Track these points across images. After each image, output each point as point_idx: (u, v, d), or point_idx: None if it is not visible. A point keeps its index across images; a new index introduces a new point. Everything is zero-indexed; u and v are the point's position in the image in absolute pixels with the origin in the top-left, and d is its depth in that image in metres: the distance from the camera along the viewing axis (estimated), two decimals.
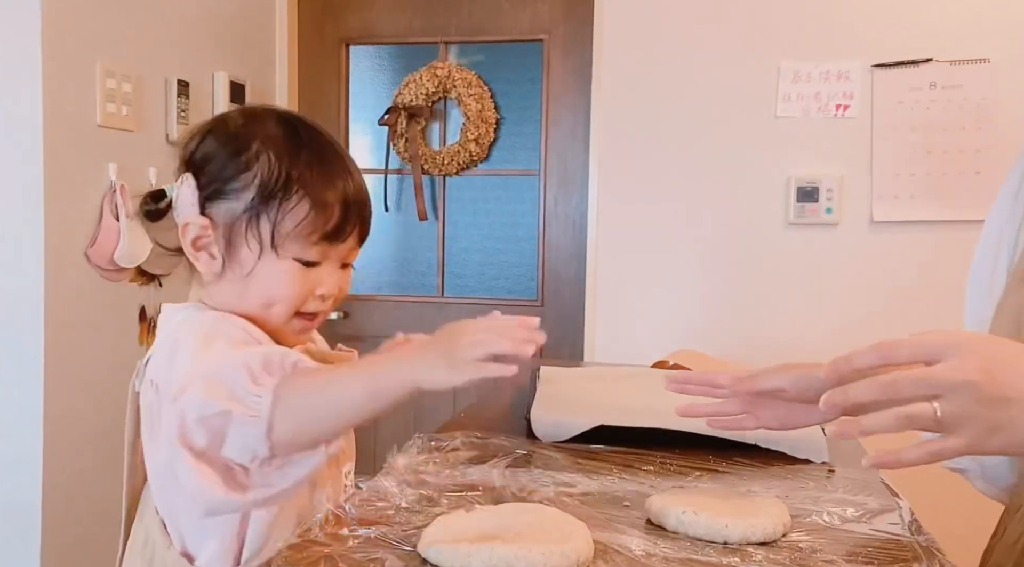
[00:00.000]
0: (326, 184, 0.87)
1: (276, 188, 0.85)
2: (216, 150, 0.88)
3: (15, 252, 1.85)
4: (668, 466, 1.04)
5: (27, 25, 1.81)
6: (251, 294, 0.87)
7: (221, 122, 0.91)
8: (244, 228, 0.86)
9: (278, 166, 0.86)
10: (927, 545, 0.78)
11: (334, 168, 0.89)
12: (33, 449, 1.85)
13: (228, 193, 0.87)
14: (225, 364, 0.78)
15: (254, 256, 0.86)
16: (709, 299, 2.45)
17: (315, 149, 0.89)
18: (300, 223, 0.85)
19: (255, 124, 0.89)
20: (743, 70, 2.41)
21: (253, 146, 0.87)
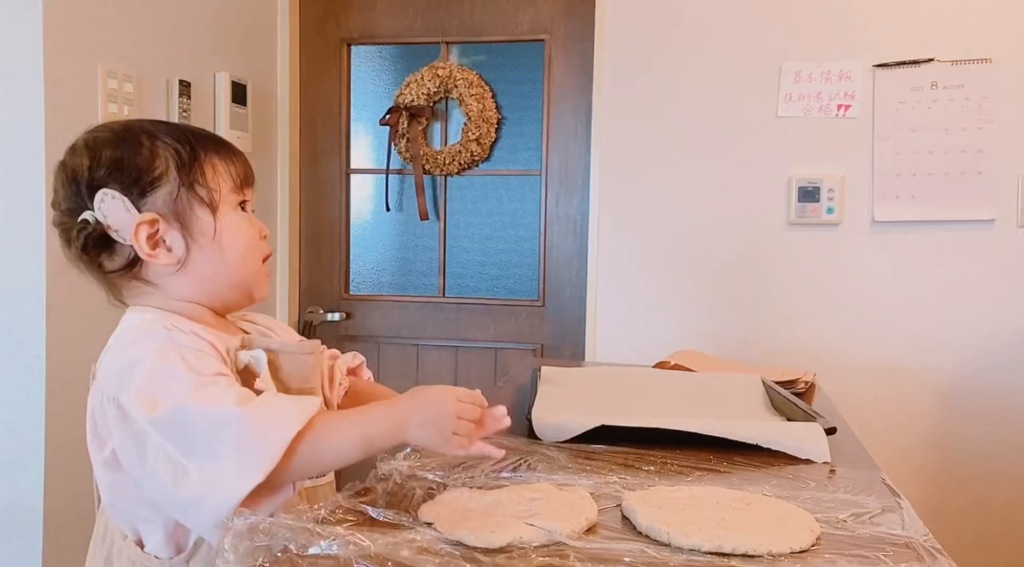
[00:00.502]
0: (216, 141, 0.96)
1: (191, 157, 0.92)
2: (115, 159, 0.91)
3: (16, 252, 1.86)
4: (669, 466, 1.04)
5: (29, 26, 1.81)
6: (226, 251, 0.93)
7: (94, 140, 0.93)
8: (189, 202, 0.92)
9: (178, 142, 0.93)
10: (927, 545, 0.78)
11: (208, 133, 0.98)
12: (35, 449, 1.86)
13: (154, 183, 0.91)
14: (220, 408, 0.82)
15: (210, 221, 0.93)
16: (710, 299, 2.45)
17: (184, 125, 0.98)
18: (226, 174, 0.94)
19: (127, 128, 0.95)
20: (744, 70, 2.41)
21: (143, 139, 0.92)
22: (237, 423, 0.79)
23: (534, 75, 2.64)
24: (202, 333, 0.89)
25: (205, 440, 0.79)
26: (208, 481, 0.79)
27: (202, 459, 0.79)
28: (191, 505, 0.81)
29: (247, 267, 0.95)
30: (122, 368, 0.86)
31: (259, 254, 0.97)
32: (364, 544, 0.72)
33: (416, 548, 0.72)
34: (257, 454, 0.78)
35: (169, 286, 0.93)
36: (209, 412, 0.80)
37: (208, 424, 0.80)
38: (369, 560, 0.70)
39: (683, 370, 1.67)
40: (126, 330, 0.92)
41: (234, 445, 0.79)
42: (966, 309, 2.31)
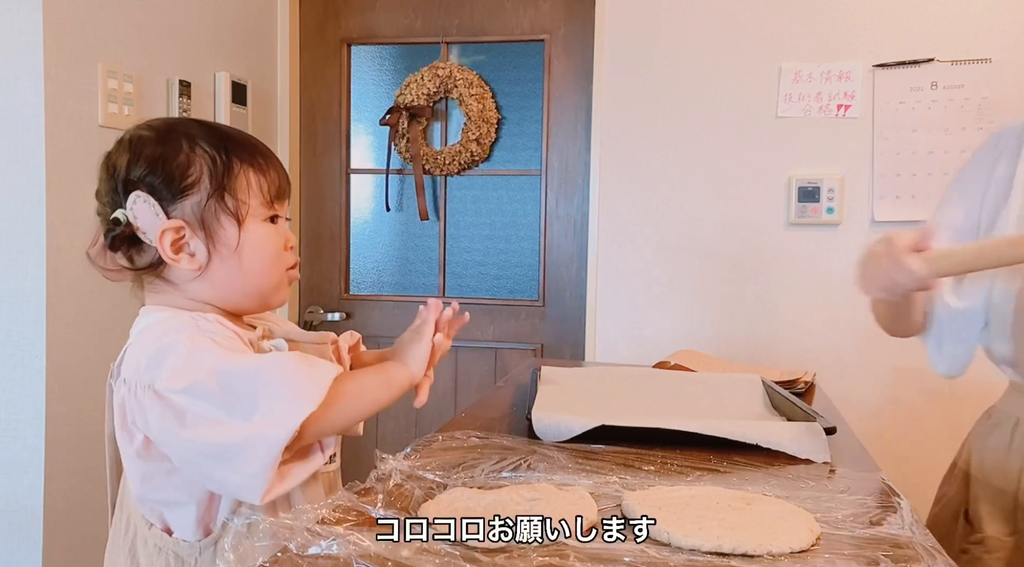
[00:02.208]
0: (255, 153, 0.97)
1: (224, 169, 0.94)
2: (152, 162, 0.93)
3: (17, 252, 1.86)
4: (669, 466, 1.04)
5: (29, 25, 1.81)
6: (246, 265, 0.95)
7: (138, 139, 0.96)
8: (216, 212, 0.93)
9: (215, 152, 0.94)
10: (927, 545, 0.78)
11: (250, 141, 1.00)
12: (35, 449, 1.86)
13: (185, 190, 0.93)
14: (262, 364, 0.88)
15: (234, 233, 0.94)
16: (710, 299, 2.45)
17: (230, 132, 0.99)
18: (258, 187, 0.96)
19: (170, 130, 0.96)
20: (744, 70, 2.41)
21: (183, 145, 0.94)
22: (281, 363, 0.85)
23: (534, 75, 2.64)
24: (226, 323, 0.94)
25: (251, 390, 0.84)
26: (259, 422, 0.83)
27: (249, 407, 0.83)
28: (242, 449, 0.83)
29: (265, 279, 0.97)
30: (152, 358, 0.88)
31: (281, 266, 0.99)
32: (364, 544, 0.72)
33: (416, 548, 0.72)
34: (306, 386, 0.84)
35: (188, 288, 0.96)
36: (250, 365, 0.85)
37: (252, 374, 0.85)
38: (369, 560, 0.70)
39: (683, 370, 1.67)
40: (149, 326, 0.94)
41: (282, 381, 0.84)
42: None
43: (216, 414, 0.83)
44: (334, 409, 0.86)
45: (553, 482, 0.94)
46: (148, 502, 0.95)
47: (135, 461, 0.92)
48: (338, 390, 0.87)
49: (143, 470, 0.92)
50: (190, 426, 0.84)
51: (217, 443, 0.83)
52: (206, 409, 0.84)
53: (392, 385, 0.96)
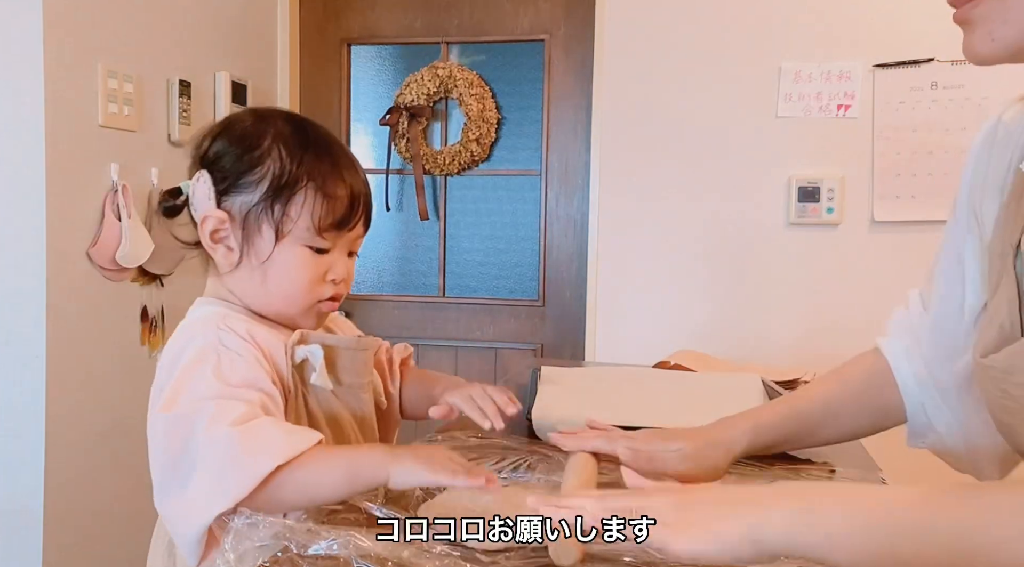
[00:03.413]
0: (334, 176, 0.93)
1: (288, 180, 0.91)
2: (229, 147, 0.93)
3: (17, 252, 1.86)
4: None
5: (29, 26, 1.81)
6: (270, 282, 0.92)
7: (232, 122, 0.96)
8: (259, 218, 0.91)
9: (289, 160, 0.91)
10: None
11: (340, 162, 0.95)
12: (35, 449, 1.86)
13: (242, 186, 0.91)
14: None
15: (269, 245, 0.91)
16: (710, 299, 2.45)
17: (322, 145, 0.95)
18: (312, 212, 0.91)
19: (265, 123, 0.95)
20: (744, 70, 2.40)
21: (264, 142, 0.92)
22: (226, 443, 0.79)
23: (534, 75, 2.64)
24: (258, 333, 0.90)
25: (195, 452, 0.80)
26: (183, 501, 0.80)
27: (185, 475, 0.80)
28: (168, 521, 0.83)
29: (288, 303, 0.93)
30: (170, 360, 0.88)
31: (311, 295, 0.93)
32: (364, 544, 0.72)
33: (416, 548, 0.72)
34: (233, 479, 0.77)
35: (226, 279, 0.95)
36: (207, 426, 0.80)
37: (203, 439, 0.80)
38: (369, 560, 0.70)
39: (683, 370, 1.66)
40: (187, 323, 0.93)
41: (216, 466, 0.78)
42: None
43: (168, 459, 0.82)
44: (271, 499, 0.78)
45: (553, 482, 0.94)
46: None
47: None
48: (279, 481, 0.78)
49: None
50: (153, 455, 0.84)
51: (158, 501, 0.83)
52: (165, 447, 0.82)
53: (355, 481, 0.81)
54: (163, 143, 2.20)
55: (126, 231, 1.98)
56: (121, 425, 2.01)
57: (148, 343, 2.14)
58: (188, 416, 0.81)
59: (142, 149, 2.11)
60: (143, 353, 2.12)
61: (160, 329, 2.16)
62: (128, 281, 2.06)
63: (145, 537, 0.99)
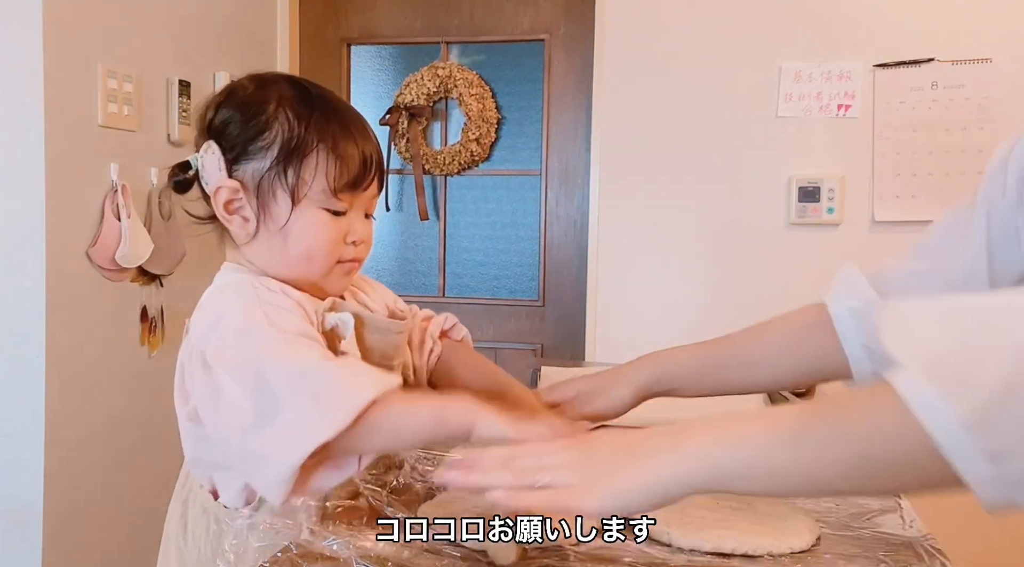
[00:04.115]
0: (344, 136, 0.91)
1: (298, 142, 0.89)
2: (234, 114, 0.91)
3: (17, 252, 1.86)
4: None
5: (28, 25, 1.81)
6: (289, 247, 0.90)
7: (234, 89, 0.94)
8: (273, 184, 0.89)
9: (297, 122, 0.89)
10: (927, 545, 0.78)
11: (348, 122, 0.93)
12: (35, 449, 1.86)
13: (252, 153, 0.89)
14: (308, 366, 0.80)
15: (286, 210, 0.89)
16: (710, 299, 2.45)
17: (328, 105, 0.93)
18: (326, 173, 0.89)
19: (267, 87, 0.93)
20: (744, 70, 2.40)
21: (270, 106, 0.90)
22: (318, 375, 0.78)
23: (534, 75, 2.64)
24: (291, 292, 0.89)
25: (282, 392, 0.78)
26: (279, 434, 0.77)
27: (276, 412, 0.78)
28: (259, 459, 0.79)
29: (308, 266, 0.91)
30: (210, 323, 0.85)
31: (330, 257, 0.91)
32: (364, 544, 0.72)
33: (416, 548, 0.72)
34: (332, 408, 0.76)
35: (245, 250, 0.93)
36: (289, 365, 0.79)
37: (287, 377, 0.78)
38: (369, 560, 0.70)
39: None
40: (216, 288, 0.91)
41: (311, 396, 0.77)
42: None
43: (248, 405, 0.79)
44: (361, 437, 0.77)
45: None
46: (199, 464, 0.92)
47: (186, 424, 0.88)
48: (372, 418, 0.77)
49: (195, 434, 0.89)
50: (224, 409, 0.80)
51: (239, 445, 0.80)
52: (238, 397, 0.79)
53: (441, 427, 0.80)
54: (163, 143, 2.20)
55: (126, 231, 1.98)
56: (121, 425, 2.01)
57: (148, 343, 2.14)
58: (266, 362, 0.79)
59: (142, 149, 2.11)
60: (143, 353, 2.12)
61: (160, 329, 2.16)
62: (128, 281, 2.06)
63: (145, 536, 0.99)
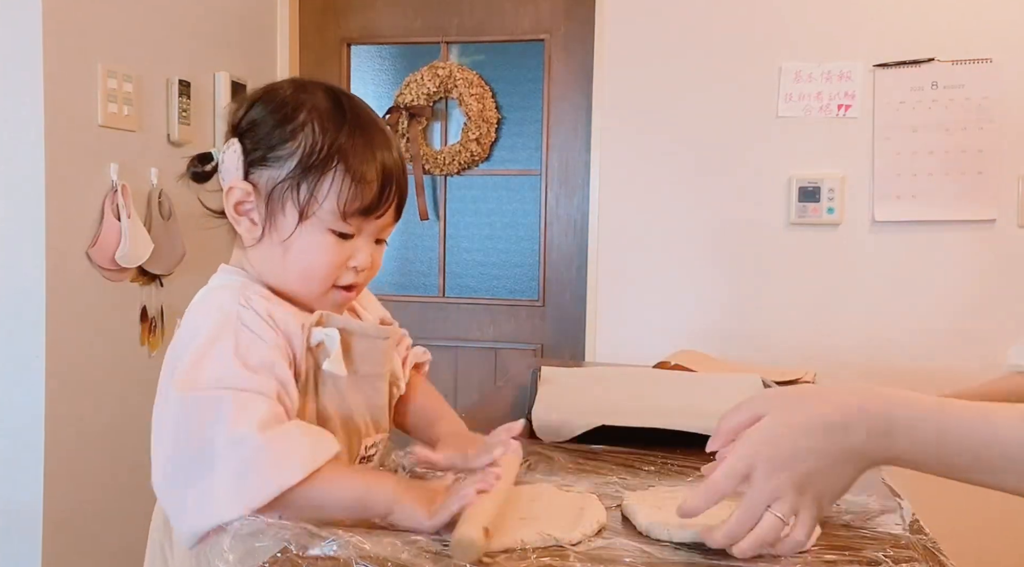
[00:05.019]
0: (367, 159, 0.89)
1: (317, 159, 0.87)
2: (263, 117, 0.90)
3: (16, 252, 1.86)
4: (669, 466, 1.04)
5: (28, 25, 1.81)
6: (289, 262, 0.89)
7: (271, 90, 0.93)
8: (284, 196, 0.88)
9: (322, 138, 0.88)
10: (927, 545, 0.78)
11: (375, 143, 0.90)
12: (34, 449, 1.86)
13: (271, 160, 0.88)
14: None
15: (292, 224, 0.88)
16: (711, 299, 2.45)
17: (359, 123, 0.91)
18: (338, 195, 0.87)
19: (303, 94, 0.91)
20: (744, 70, 2.40)
21: (300, 116, 0.89)
22: (249, 448, 0.76)
23: (534, 75, 2.64)
24: (277, 312, 0.87)
25: (214, 453, 0.77)
26: (198, 492, 0.77)
27: (200, 470, 0.77)
28: (175, 509, 0.80)
29: (304, 285, 0.90)
30: (190, 331, 0.85)
31: (327, 279, 0.90)
32: (364, 544, 0.72)
33: (416, 549, 0.72)
34: (254, 487, 0.76)
35: (248, 253, 0.92)
36: (231, 426, 0.77)
37: (225, 438, 0.77)
38: (369, 560, 0.70)
39: (684, 370, 1.66)
40: (209, 292, 0.91)
41: (236, 469, 0.76)
42: (966, 309, 2.31)
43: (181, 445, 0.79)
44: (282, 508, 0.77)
45: (553, 482, 0.94)
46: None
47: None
48: (296, 494, 0.76)
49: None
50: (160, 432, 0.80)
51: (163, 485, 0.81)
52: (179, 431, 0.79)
53: (364, 511, 0.79)
54: (163, 143, 2.20)
55: (126, 231, 1.98)
56: (121, 425, 2.01)
57: (148, 343, 2.14)
58: (208, 405, 0.78)
59: (142, 149, 2.11)
60: (143, 353, 2.12)
61: (160, 329, 2.16)
62: (128, 281, 2.06)
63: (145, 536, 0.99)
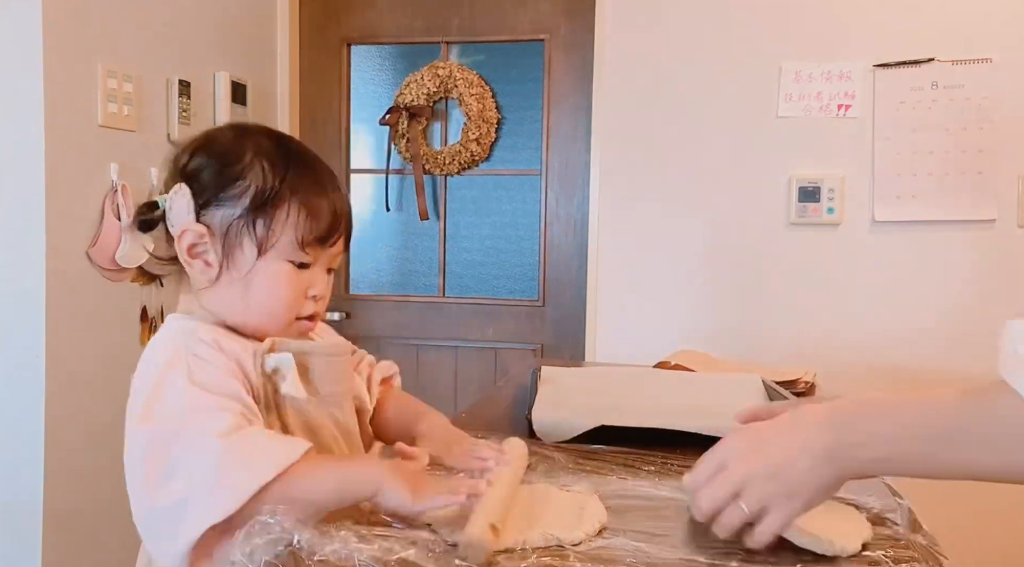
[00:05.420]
0: (316, 191, 0.92)
1: (271, 194, 0.89)
2: (210, 161, 0.92)
3: (17, 252, 1.86)
4: (669, 466, 1.04)
5: (28, 25, 1.81)
6: (251, 296, 0.91)
7: (212, 136, 0.95)
8: (241, 233, 0.89)
9: (271, 173, 0.90)
10: (927, 545, 0.78)
11: (322, 177, 0.94)
12: (34, 449, 1.86)
13: (223, 200, 0.90)
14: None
15: (251, 259, 0.90)
16: (711, 299, 2.45)
17: (304, 160, 0.94)
18: (295, 227, 0.90)
19: (246, 137, 0.93)
20: (745, 70, 2.40)
21: (246, 156, 0.91)
22: (215, 456, 0.77)
23: (534, 75, 2.64)
24: (225, 342, 0.88)
25: (181, 465, 0.78)
26: (173, 508, 0.78)
27: (171, 489, 0.78)
28: (151, 536, 0.81)
29: (267, 317, 0.91)
30: (141, 377, 0.87)
31: (290, 310, 0.92)
32: (364, 545, 0.72)
33: (416, 549, 0.72)
34: (224, 493, 0.76)
35: (200, 295, 0.93)
36: (192, 437, 0.79)
37: (188, 449, 0.78)
38: (372, 560, 0.70)
39: (684, 370, 1.66)
40: (159, 336, 0.93)
41: (206, 480, 0.77)
42: (966, 309, 2.31)
43: (150, 471, 0.80)
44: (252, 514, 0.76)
45: (553, 482, 0.94)
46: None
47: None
48: (273, 491, 0.76)
49: None
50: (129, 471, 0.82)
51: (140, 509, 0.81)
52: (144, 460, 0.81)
53: (346, 494, 0.80)
54: (163, 143, 2.20)
55: (125, 231, 1.98)
56: (121, 425, 2.00)
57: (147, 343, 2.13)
58: (170, 429, 0.80)
59: (142, 149, 2.11)
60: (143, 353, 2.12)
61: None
62: (128, 281, 2.06)
63: None
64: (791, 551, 0.75)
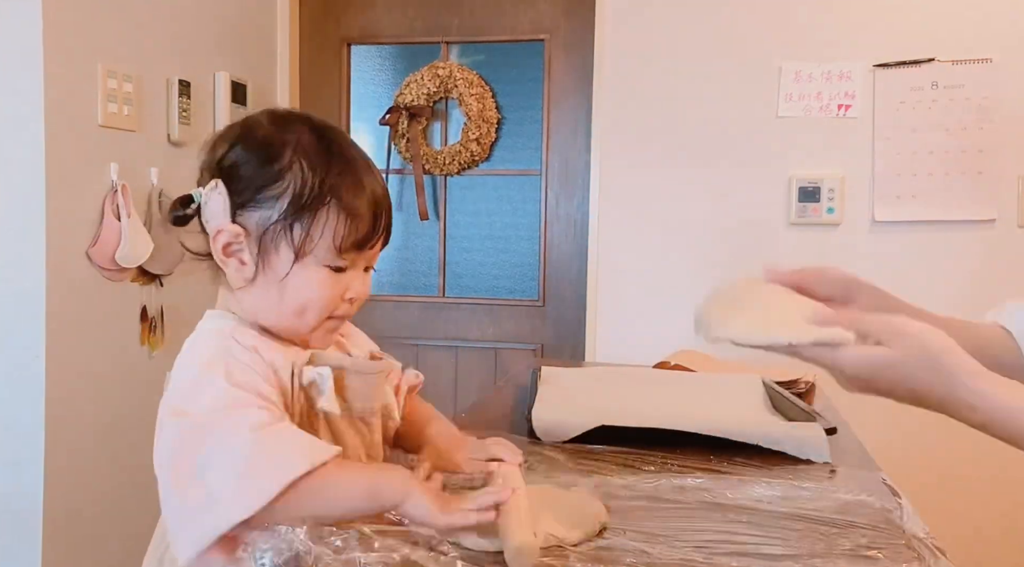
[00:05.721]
0: (357, 194, 0.88)
1: (310, 198, 0.86)
2: (247, 157, 0.88)
3: (17, 252, 1.86)
4: (668, 466, 1.04)
5: (28, 25, 1.81)
6: (286, 300, 0.88)
7: (250, 128, 0.91)
8: (278, 236, 0.87)
9: (312, 176, 0.86)
10: (927, 545, 0.78)
11: (363, 178, 0.90)
12: (34, 448, 1.86)
13: (261, 201, 0.87)
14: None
15: (287, 264, 0.87)
16: None
17: (346, 159, 0.90)
18: (333, 232, 0.87)
19: (287, 132, 0.90)
20: (745, 70, 2.40)
21: (286, 155, 0.87)
22: (245, 449, 0.76)
23: (534, 75, 2.64)
24: (263, 349, 0.87)
25: (213, 461, 0.77)
26: (201, 503, 0.77)
27: (201, 481, 0.77)
28: (178, 523, 0.79)
29: (300, 320, 0.89)
30: (179, 372, 0.85)
31: (323, 313, 0.90)
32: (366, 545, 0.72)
33: (417, 550, 0.72)
34: (255, 486, 0.75)
35: (237, 295, 0.91)
36: (225, 434, 0.78)
37: (222, 445, 0.77)
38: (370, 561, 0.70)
39: (684, 370, 1.66)
40: (196, 336, 0.90)
41: (237, 472, 0.76)
42: (966, 309, 2.30)
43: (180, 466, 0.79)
44: (292, 508, 0.76)
45: (553, 482, 0.94)
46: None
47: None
48: (303, 489, 0.75)
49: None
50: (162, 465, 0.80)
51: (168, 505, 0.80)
52: (177, 455, 0.80)
53: (374, 501, 0.79)
54: (163, 143, 2.20)
55: (126, 231, 1.98)
56: (121, 425, 2.01)
57: (148, 343, 2.14)
58: (204, 424, 0.79)
59: (142, 149, 2.11)
60: (143, 353, 2.12)
61: (160, 329, 2.16)
62: (128, 281, 2.06)
63: (145, 537, 0.99)
64: (792, 552, 0.75)
